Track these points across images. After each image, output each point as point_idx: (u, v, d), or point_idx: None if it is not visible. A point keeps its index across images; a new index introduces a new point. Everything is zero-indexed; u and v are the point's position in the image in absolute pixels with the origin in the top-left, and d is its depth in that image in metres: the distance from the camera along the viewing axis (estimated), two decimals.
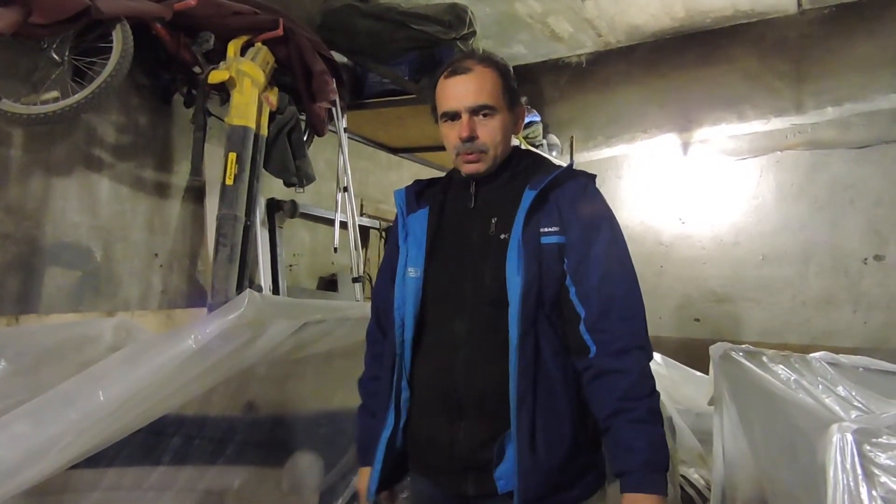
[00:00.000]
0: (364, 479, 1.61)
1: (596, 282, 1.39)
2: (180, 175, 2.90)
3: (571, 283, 1.41)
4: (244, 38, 2.63)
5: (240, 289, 2.42)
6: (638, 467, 1.31)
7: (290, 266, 3.64)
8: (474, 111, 1.46)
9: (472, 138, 1.45)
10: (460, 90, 1.46)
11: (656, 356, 3.09)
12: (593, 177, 1.54)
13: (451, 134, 1.49)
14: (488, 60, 1.50)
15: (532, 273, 1.39)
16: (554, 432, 1.39)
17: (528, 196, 1.43)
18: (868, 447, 1.53)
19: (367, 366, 1.71)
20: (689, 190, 5.25)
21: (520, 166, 1.54)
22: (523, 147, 1.71)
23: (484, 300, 1.43)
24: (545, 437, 1.37)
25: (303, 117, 2.95)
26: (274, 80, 2.72)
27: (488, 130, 1.47)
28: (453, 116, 1.47)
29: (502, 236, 1.44)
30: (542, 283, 1.40)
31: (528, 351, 1.38)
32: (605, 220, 1.47)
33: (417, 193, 1.61)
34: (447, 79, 1.48)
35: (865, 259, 4.60)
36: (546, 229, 1.43)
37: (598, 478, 1.46)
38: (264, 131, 2.61)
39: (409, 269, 1.51)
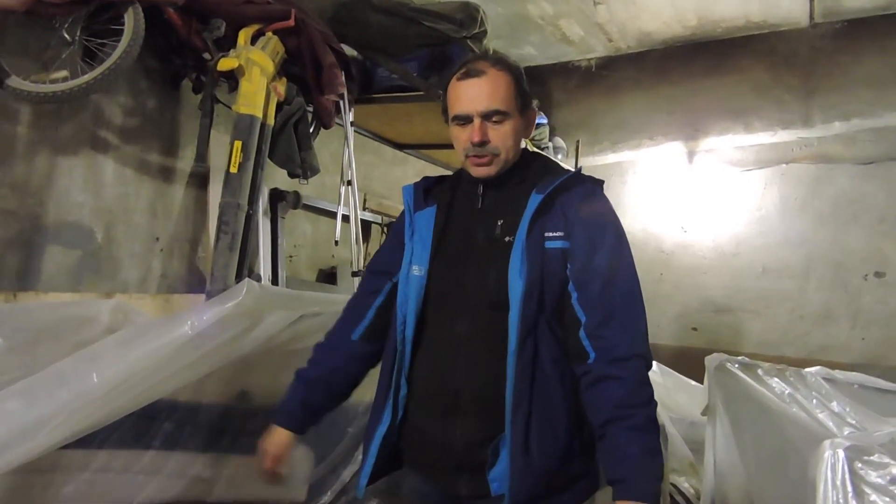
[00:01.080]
0: (272, 436, 1.58)
1: (598, 288, 1.38)
2: (185, 160, 2.90)
3: (574, 288, 1.40)
4: (255, 27, 2.63)
5: (239, 277, 2.42)
6: (631, 475, 1.29)
7: (291, 257, 3.64)
8: (487, 116, 1.44)
9: (483, 143, 1.44)
10: (473, 94, 1.44)
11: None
12: (601, 182, 1.53)
13: (462, 136, 1.47)
14: (502, 63, 1.48)
15: (534, 277, 1.38)
16: (548, 437, 1.38)
17: (535, 200, 1.43)
18: (860, 465, 1.52)
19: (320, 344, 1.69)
20: (693, 199, 5.24)
21: (529, 169, 1.53)
22: (531, 150, 1.69)
23: (486, 302, 1.43)
24: (539, 441, 1.37)
25: (310, 109, 2.95)
26: (283, 70, 2.72)
27: (500, 135, 1.45)
28: (465, 119, 1.46)
29: (507, 239, 1.43)
30: (544, 287, 1.39)
31: (527, 355, 1.37)
32: (611, 227, 1.46)
33: (426, 190, 1.60)
34: (460, 81, 1.46)
35: (866, 275, 4.59)
36: (551, 234, 1.42)
37: (591, 485, 1.46)
38: (271, 121, 2.61)
39: (414, 267, 1.50)
